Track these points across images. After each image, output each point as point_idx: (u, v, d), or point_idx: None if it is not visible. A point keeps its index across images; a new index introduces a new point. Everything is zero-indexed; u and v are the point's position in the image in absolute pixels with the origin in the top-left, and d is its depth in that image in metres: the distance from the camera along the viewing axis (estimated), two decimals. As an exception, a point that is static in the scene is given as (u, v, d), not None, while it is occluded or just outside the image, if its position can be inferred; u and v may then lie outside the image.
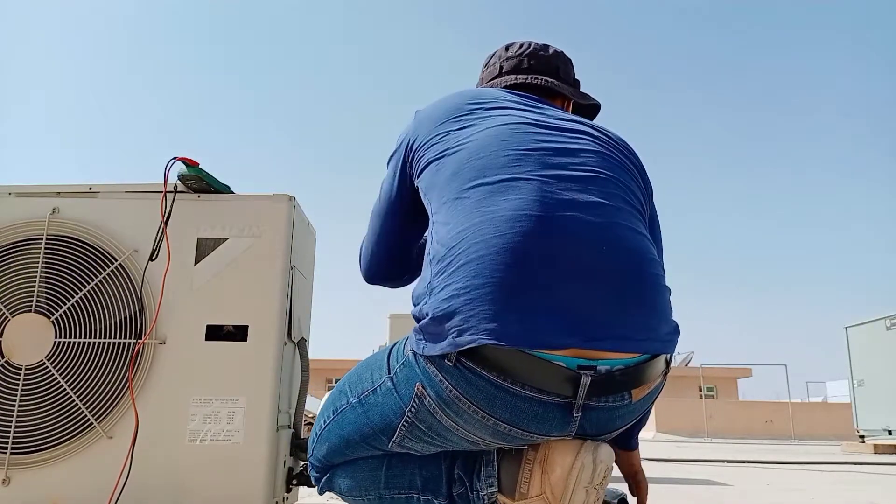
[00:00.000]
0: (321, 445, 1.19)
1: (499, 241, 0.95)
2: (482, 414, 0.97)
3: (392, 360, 1.10)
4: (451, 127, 1.14)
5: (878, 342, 8.15)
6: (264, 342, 1.54)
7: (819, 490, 3.12)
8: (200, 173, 1.58)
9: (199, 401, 1.51)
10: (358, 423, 1.13)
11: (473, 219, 0.99)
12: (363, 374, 1.15)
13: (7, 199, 1.64)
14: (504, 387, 0.94)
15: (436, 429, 1.03)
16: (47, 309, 1.57)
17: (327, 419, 1.19)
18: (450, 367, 0.96)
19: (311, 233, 1.84)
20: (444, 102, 1.21)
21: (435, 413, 1.01)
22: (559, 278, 0.94)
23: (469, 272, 0.95)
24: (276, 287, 1.57)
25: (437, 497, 1.12)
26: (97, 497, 1.47)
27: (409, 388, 1.03)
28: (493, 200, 1.00)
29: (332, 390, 1.24)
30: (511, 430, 0.98)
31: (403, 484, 1.14)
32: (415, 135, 1.19)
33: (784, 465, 5.16)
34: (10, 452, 1.51)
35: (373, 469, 1.16)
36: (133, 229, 1.61)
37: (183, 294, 1.57)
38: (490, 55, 1.42)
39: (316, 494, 2.48)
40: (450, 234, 1.01)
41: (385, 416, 1.08)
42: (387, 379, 1.09)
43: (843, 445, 8.67)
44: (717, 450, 8.37)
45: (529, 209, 0.98)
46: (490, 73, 1.38)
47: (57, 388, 1.53)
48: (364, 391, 1.13)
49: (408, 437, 1.07)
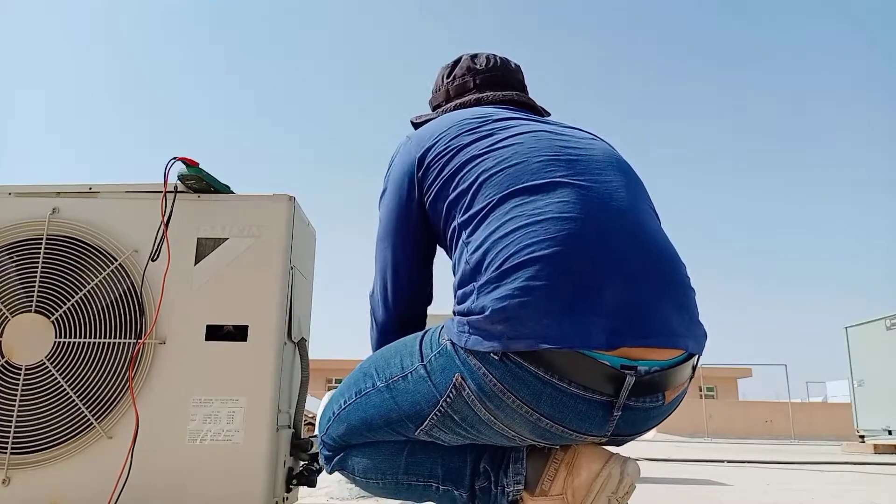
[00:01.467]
0: (339, 425, 1.19)
1: (549, 244, 0.98)
2: (526, 409, 0.98)
3: (425, 347, 1.10)
4: (468, 139, 1.17)
5: (878, 342, 8.15)
6: (264, 342, 1.54)
7: (819, 490, 3.12)
8: (200, 173, 1.58)
9: (199, 401, 1.52)
10: (384, 408, 1.12)
11: (519, 222, 1.01)
12: (391, 359, 1.15)
13: (7, 199, 1.64)
14: (551, 383, 0.96)
15: (470, 420, 1.03)
16: (47, 309, 1.57)
17: (348, 400, 1.18)
18: (496, 360, 0.97)
19: (311, 233, 1.84)
20: (448, 119, 1.24)
21: (473, 405, 1.01)
22: (608, 280, 0.97)
23: (523, 275, 0.97)
24: (276, 287, 1.57)
25: (457, 488, 1.12)
26: (97, 497, 1.47)
27: (446, 377, 1.03)
28: (535, 204, 1.03)
29: (353, 373, 1.23)
30: (552, 427, 1.00)
31: (424, 472, 1.14)
32: (421, 151, 1.20)
33: (784, 465, 5.16)
34: (10, 452, 1.51)
35: (393, 454, 1.16)
36: (133, 229, 1.61)
37: (183, 294, 1.57)
38: (450, 66, 1.45)
39: (316, 494, 2.48)
40: (496, 237, 1.02)
41: (415, 404, 1.08)
42: (419, 366, 1.08)
43: (843, 445, 8.67)
44: (717, 450, 8.37)
45: (573, 212, 1.02)
46: (461, 87, 1.41)
47: (57, 388, 1.53)
48: (393, 376, 1.12)
49: (438, 427, 1.07)
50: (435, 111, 1.44)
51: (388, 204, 1.26)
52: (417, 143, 1.23)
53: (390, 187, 1.26)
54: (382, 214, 1.28)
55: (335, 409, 1.21)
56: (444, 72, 1.47)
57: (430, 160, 1.19)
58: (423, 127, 1.29)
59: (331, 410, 1.22)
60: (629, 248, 1.02)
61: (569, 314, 0.94)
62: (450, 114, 1.28)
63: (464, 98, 1.39)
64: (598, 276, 0.97)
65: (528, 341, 0.95)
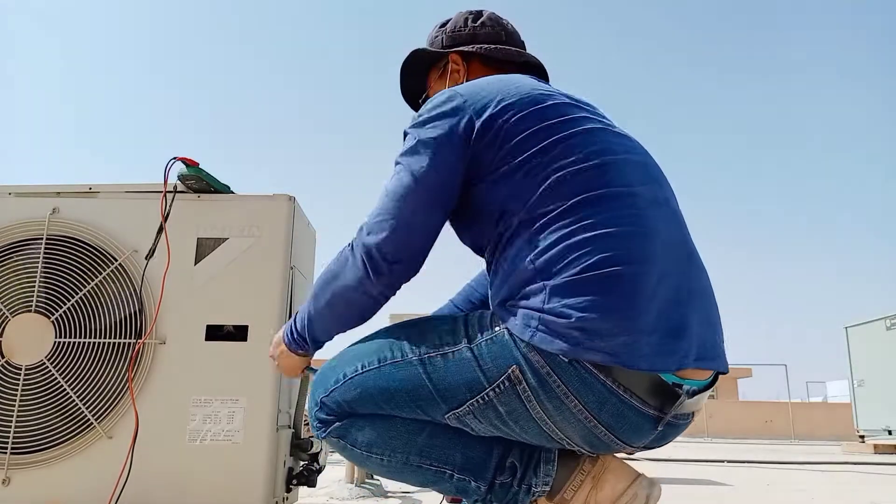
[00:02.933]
0: (350, 390, 1.09)
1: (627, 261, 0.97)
2: (587, 415, 0.97)
3: (470, 328, 1.04)
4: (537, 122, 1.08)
5: (878, 342, 8.15)
6: (264, 342, 1.54)
7: (819, 490, 3.12)
8: (200, 173, 1.58)
9: (199, 401, 1.51)
10: (413, 383, 1.05)
11: (595, 230, 0.99)
12: (427, 333, 1.07)
13: (7, 199, 1.64)
14: (617, 393, 0.96)
15: (517, 416, 1.00)
16: (47, 309, 1.57)
17: (367, 366, 1.09)
18: (564, 363, 0.95)
19: (311, 233, 1.84)
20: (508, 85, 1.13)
21: (528, 401, 0.98)
22: (672, 301, 0.99)
23: (602, 288, 0.95)
24: (276, 287, 1.57)
25: (476, 480, 1.07)
26: (97, 497, 1.47)
27: (500, 367, 0.99)
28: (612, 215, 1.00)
29: (373, 336, 1.14)
30: (604, 435, 0.99)
31: (440, 457, 1.08)
32: (482, 119, 1.08)
33: (784, 465, 5.16)
34: (10, 452, 1.51)
35: (410, 432, 1.08)
36: (133, 229, 1.61)
37: (183, 294, 1.57)
38: (475, 12, 1.38)
39: (316, 494, 2.48)
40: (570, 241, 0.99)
41: (454, 386, 1.02)
42: (465, 348, 1.02)
43: (843, 445, 8.66)
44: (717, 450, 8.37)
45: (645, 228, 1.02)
46: (493, 36, 1.34)
47: (57, 388, 1.53)
48: (428, 352, 1.05)
49: (474, 415, 1.02)
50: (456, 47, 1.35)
51: (426, 160, 1.10)
52: (474, 104, 1.10)
53: (432, 145, 1.11)
54: (415, 168, 1.11)
55: (347, 371, 1.10)
56: (467, 14, 1.38)
57: (492, 134, 1.08)
58: (474, 85, 1.15)
59: (339, 372, 1.11)
60: (688, 267, 1.04)
61: (646, 335, 0.95)
62: (507, 77, 1.17)
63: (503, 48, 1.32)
64: (667, 297, 0.99)
65: (603, 355, 0.94)
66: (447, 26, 1.38)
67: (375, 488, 2.64)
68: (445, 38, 1.37)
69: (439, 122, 1.11)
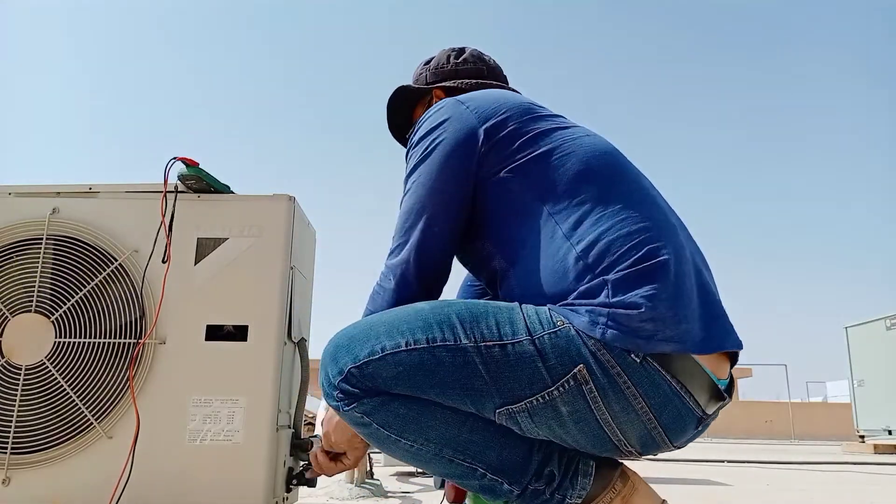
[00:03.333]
0: (388, 366, 0.99)
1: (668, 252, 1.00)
2: (650, 416, 0.98)
3: (530, 320, 0.98)
4: (545, 124, 1.13)
5: (878, 342, 8.15)
6: (264, 342, 1.54)
7: (819, 490, 3.12)
8: (200, 173, 1.58)
9: (199, 401, 1.51)
10: (466, 371, 0.97)
11: (635, 223, 1.02)
12: (480, 319, 1.00)
13: (7, 199, 1.64)
14: (679, 395, 0.97)
15: (578, 416, 0.97)
16: (47, 309, 1.57)
17: (414, 343, 0.99)
18: (635, 363, 0.95)
19: (311, 233, 1.84)
20: (504, 95, 1.17)
21: (594, 402, 0.96)
22: (700, 287, 1.04)
23: (657, 278, 0.97)
24: (276, 287, 1.57)
25: (510, 483, 1.03)
26: (97, 497, 1.47)
27: (565, 365, 0.95)
28: (639, 210, 1.04)
29: (410, 310, 1.04)
30: (658, 436, 1.01)
31: (475, 454, 1.02)
32: (487, 124, 1.11)
33: (784, 465, 5.16)
34: (10, 452, 1.51)
35: (450, 424, 1.01)
36: (133, 229, 1.61)
37: (183, 294, 1.57)
38: (458, 49, 1.42)
39: (316, 494, 2.48)
40: (614, 235, 1.00)
41: (512, 381, 0.96)
42: (526, 340, 0.97)
43: (843, 445, 8.67)
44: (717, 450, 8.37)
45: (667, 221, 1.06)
46: (475, 71, 1.39)
47: (57, 388, 1.53)
48: (486, 339, 0.98)
49: (528, 413, 0.98)
50: (440, 83, 1.39)
51: (436, 176, 1.12)
52: (478, 112, 1.13)
53: (438, 157, 1.13)
54: (423, 185, 1.13)
55: (387, 345, 1.00)
56: (450, 52, 1.42)
57: (501, 136, 1.10)
58: (472, 96, 1.18)
59: (376, 344, 1.01)
60: (697, 251, 1.11)
61: (695, 321, 0.99)
62: (500, 90, 1.21)
63: (485, 83, 1.36)
64: (697, 282, 1.03)
65: (674, 345, 0.95)
66: (431, 63, 1.42)
67: (375, 488, 2.64)
68: (429, 74, 1.41)
69: (444, 131, 1.13)
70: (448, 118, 1.15)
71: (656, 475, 3.85)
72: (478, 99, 1.17)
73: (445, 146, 1.12)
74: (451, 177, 1.11)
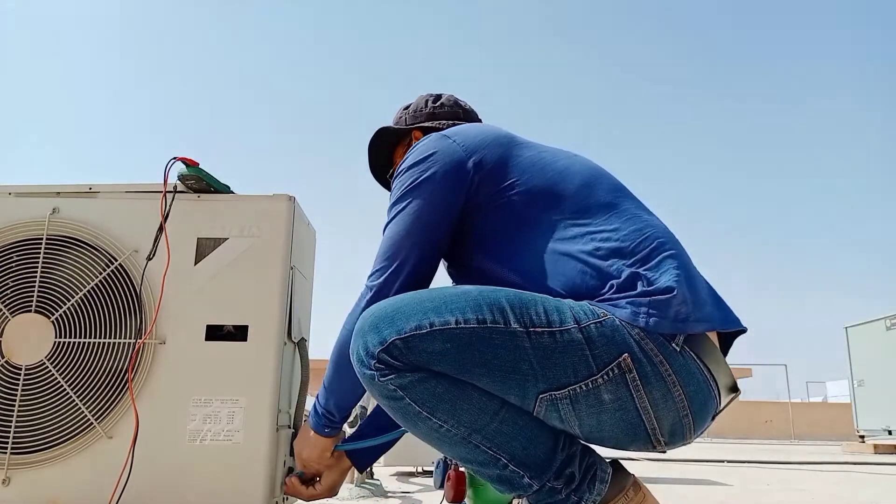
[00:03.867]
0: (436, 342, 0.97)
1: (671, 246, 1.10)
2: (685, 403, 1.02)
3: (576, 310, 1.00)
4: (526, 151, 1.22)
5: (878, 342, 8.15)
6: (264, 342, 1.54)
7: (819, 490, 3.12)
8: (200, 173, 1.58)
9: (199, 401, 1.51)
10: (515, 354, 0.97)
11: (640, 222, 1.12)
12: (529, 305, 1.00)
13: (7, 199, 1.64)
14: (708, 382, 1.03)
15: (619, 404, 0.99)
16: (47, 309, 1.57)
17: (463, 322, 0.98)
18: (675, 351, 1.00)
19: (311, 233, 1.84)
20: (487, 132, 1.25)
21: (636, 390, 0.99)
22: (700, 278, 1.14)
23: (675, 264, 1.06)
24: (276, 287, 1.57)
25: (532, 477, 1.03)
26: (97, 497, 1.47)
27: (611, 353, 0.98)
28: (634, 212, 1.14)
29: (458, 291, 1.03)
30: (687, 424, 1.05)
31: (502, 444, 1.02)
32: (477, 156, 1.18)
33: (784, 465, 5.17)
34: (10, 452, 1.51)
35: (484, 411, 1.01)
36: (133, 229, 1.60)
37: (183, 294, 1.57)
38: (435, 95, 1.52)
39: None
40: (630, 228, 1.10)
41: (558, 367, 0.97)
42: (574, 328, 0.98)
43: (843, 445, 8.67)
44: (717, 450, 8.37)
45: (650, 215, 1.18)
46: (451, 115, 1.49)
47: (57, 388, 1.53)
48: (536, 324, 0.98)
49: (570, 400, 0.99)
50: (418, 124, 1.48)
51: (425, 207, 1.17)
52: (464, 145, 1.19)
53: (428, 188, 1.18)
54: (411, 214, 1.18)
55: (435, 321, 0.98)
56: (428, 97, 1.53)
57: (493, 164, 1.18)
58: (456, 130, 1.24)
59: (423, 318, 0.99)
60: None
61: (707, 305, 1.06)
62: (480, 125, 1.29)
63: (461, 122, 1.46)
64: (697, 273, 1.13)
65: (706, 324, 1.02)
66: (409, 108, 1.52)
67: (375, 488, 2.65)
68: (408, 117, 1.50)
69: (433, 163, 1.19)
70: (436, 151, 1.20)
71: (656, 475, 3.85)
72: (462, 133, 1.23)
73: (433, 178, 1.18)
74: (438, 208, 1.18)
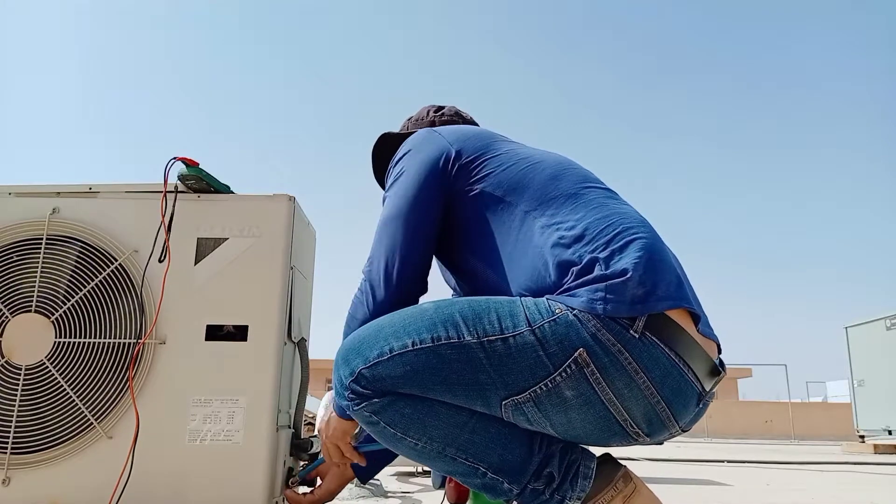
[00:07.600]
0: (395, 367, 1.02)
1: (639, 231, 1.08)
2: (652, 390, 1.00)
3: (528, 311, 1.01)
4: (506, 146, 1.25)
5: (878, 342, 8.15)
6: (264, 342, 1.54)
7: (819, 490, 3.12)
8: (200, 173, 1.58)
9: (199, 401, 1.51)
10: (471, 366, 1.00)
11: (605, 210, 1.11)
12: (482, 314, 1.03)
13: (7, 199, 1.64)
14: (678, 366, 1.00)
15: (583, 400, 0.99)
16: (47, 309, 1.57)
17: (420, 343, 1.02)
18: (634, 339, 0.98)
19: (311, 233, 1.84)
20: (471, 128, 1.32)
21: (597, 383, 0.98)
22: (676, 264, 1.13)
23: (638, 247, 1.04)
24: (276, 287, 1.57)
25: (510, 482, 1.06)
26: (97, 497, 1.47)
27: (566, 350, 0.97)
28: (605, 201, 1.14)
29: (414, 311, 1.09)
30: (662, 412, 1.02)
31: (477, 454, 1.05)
32: (458, 146, 1.24)
33: (784, 465, 5.17)
34: (10, 452, 1.51)
35: (453, 425, 1.04)
36: (133, 229, 1.61)
37: (183, 294, 1.57)
38: (437, 105, 1.58)
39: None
40: (593, 217, 1.09)
41: (515, 371, 0.99)
42: (526, 331, 0.99)
43: (843, 445, 8.67)
44: (717, 450, 8.37)
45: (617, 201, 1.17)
46: (449, 122, 1.54)
47: (57, 388, 1.53)
48: (488, 334, 1.01)
49: (534, 403, 1.00)
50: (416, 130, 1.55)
51: (411, 187, 1.22)
52: (450, 136, 1.27)
53: (414, 171, 1.23)
54: (400, 196, 1.23)
55: (394, 346, 1.04)
56: (430, 107, 1.58)
57: (470, 155, 1.22)
58: (444, 128, 1.33)
59: (384, 345, 1.05)
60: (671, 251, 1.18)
61: (673, 285, 1.04)
62: (467, 126, 1.34)
63: None
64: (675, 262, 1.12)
65: (669, 302, 1.00)
66: (412, 118, 1.58)
67: (375, 488, 2.64)
68: (411, 125, 1.57)
69: (420, 151, 1.26)
70: (421, 141, 1.28)
71: (657, 475, 3.85)
72: (447, 128, 1.32)
73: (420, 163, 1.24)
74: (426, 188, 1.22)
